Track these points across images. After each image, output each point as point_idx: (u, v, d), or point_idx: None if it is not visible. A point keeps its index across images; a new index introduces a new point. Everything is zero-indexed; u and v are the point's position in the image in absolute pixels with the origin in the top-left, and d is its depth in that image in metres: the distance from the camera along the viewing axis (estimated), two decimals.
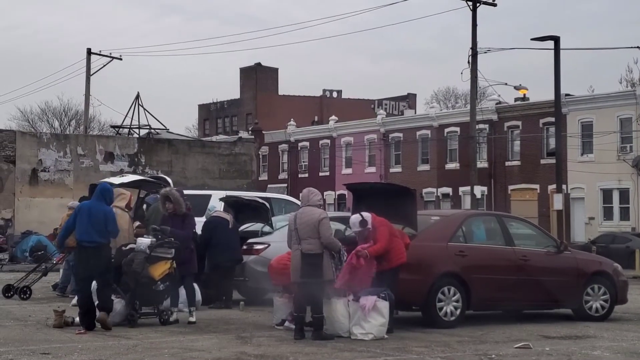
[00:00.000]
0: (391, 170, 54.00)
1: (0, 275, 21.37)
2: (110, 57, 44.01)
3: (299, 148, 61.21)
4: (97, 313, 11.58)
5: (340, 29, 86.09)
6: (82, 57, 43.62)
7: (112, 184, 17.07)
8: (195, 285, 12.79)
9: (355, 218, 11.52)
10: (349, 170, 56.09)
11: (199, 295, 13.06)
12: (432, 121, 51.84)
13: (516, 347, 10.37)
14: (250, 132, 64.16)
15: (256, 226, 16.08)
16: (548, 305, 13.88)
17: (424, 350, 10.10)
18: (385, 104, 73.66)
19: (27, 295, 15.56)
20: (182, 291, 12.53)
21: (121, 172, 30.10)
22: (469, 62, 32.88)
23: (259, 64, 77.93)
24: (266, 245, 14.93)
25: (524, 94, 43.39)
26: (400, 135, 53.88)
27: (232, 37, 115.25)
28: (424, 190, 50.55)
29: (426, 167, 52.08)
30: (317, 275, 10.85)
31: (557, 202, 32.96)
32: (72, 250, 13.19)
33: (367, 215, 11.57)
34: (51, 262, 16.92)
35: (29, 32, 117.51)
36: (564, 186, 35.22)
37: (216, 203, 16.49)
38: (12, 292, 15.67)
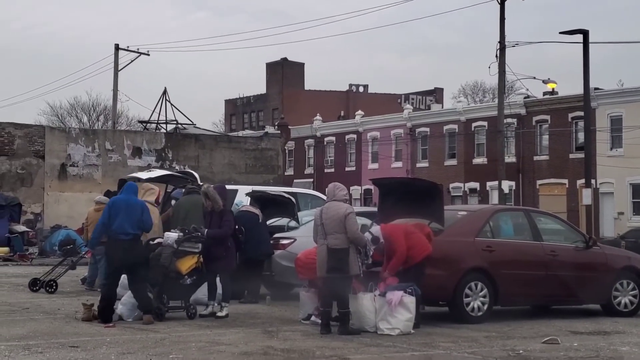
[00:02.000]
0: (418, 165, 53.84)
1: (30, 268, 21.62)
2: (138, 52, 44.32)
3: (325, 143, 61.20)
4: (118, 307, 11.65)
5: (367, 23, 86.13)
6: (111, 53, 44.01)
7: (139, 179, 17.25)
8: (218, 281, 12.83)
9: (366, 238, 11.50)
10: (375, 165, 56.00)
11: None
12: (459, 115, 51.61)
13: (543, 342, 10.31)
14: (276, 127, 64.19)
15: (282, 221, 16.11)
16: (576, 301, 13.77)
17: (451, 346, 10.06)
18: (412, 99, 73.45)
19: (53, 289, 15.69)
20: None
21: (149, 167, 30.29)
22: (496, 55, 32.65)
23: (285, 59, 78.00)
24: (292, 240, 14.96)
25: (553, 88, 43.05)
26: (427, 129, 53.70)
27: (259, 32, 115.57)
28: (451, 185, 50.37)
29: (453, 161, 51.86)
30: (344, 270, 10.85)
31: (586, 197, 32.67)
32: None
33: (375, 230, 11.65)
34: (79, 256, 17.06)
35: (59, 28, 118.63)
36: (592, 181, 34.92)
37: (242, 198, 16.54)
38: (38, 286, 15.82)
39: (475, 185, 50.01)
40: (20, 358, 8.64)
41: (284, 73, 77.51)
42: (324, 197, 19.58)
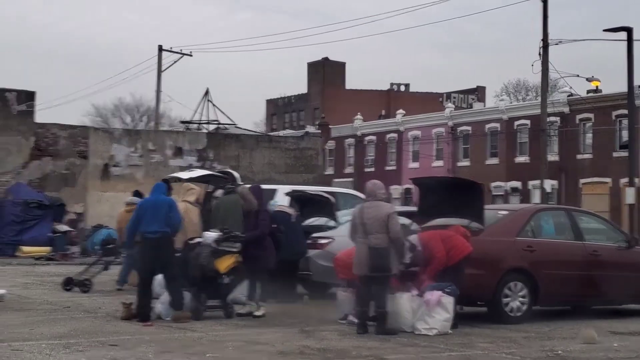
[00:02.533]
0: (459, 164, 53.50)
1: (72, 268, 21.90)
2: (181, 53, 44.66)
3: (365, 142, 61.10)
4: (156, 306, 11.78)
5: (408, 22, 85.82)
6: (154, 54, 44.38)
7: (181, 179, 17.38)
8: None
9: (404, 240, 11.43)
10: (416, 165, 55.76)
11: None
12: (501, 114, 51.17)
13: (581, 343, 10.20)
14: (317, 126, 64.32)
15: (321, 220, 16.11)
16: (617, 301, 13.57)
17: (489, 346, 9.97)
18: (454, 97, 72.97)
19: (88, 288, 15.83)
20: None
21: (190, 167, 30.51)
22: (539, 53, 32.32)
23: (326, 59, 78.03)
24: (330, 240, 14.94)
25: (596, 86, 42.47)
26: (469, 128, 53.33)
27: (300, 32, 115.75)
28: (492, 184, 49.95)
29: (495, 160, 51.44)
30: (385, 269, 10.83)
31: (629, 196, 32.18)
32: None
33: (412, 238, 11.58)
34: (121, 256, 17.22)
35: (103, 30, 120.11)
36: (636, 180, 34.32)
37: (282, 197, 16.57)
38: (71, 286, 15.95)
39: (517, 184, 49.53)
40: (61, 356, 8.75)
41: (325, 72, 77.56)
42: (364, 197, 19.61)
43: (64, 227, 29.90)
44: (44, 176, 32.27)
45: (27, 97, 32.27)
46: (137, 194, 17.24)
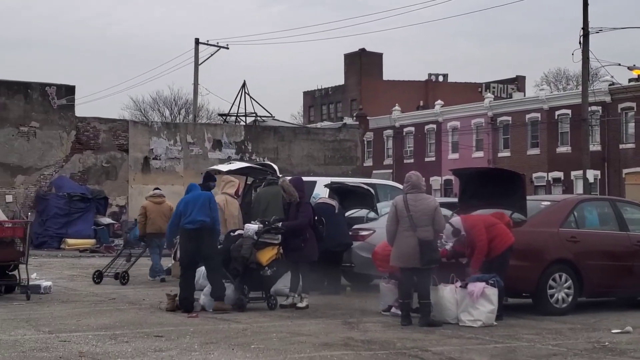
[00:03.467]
0: (499, 154, 53.09)
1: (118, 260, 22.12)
2: (218, 46, 44.85)
3: (404, 133, 60.88)
4: (200, 297, 11.88)
5: (446, 11, 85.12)
6: (191, 47, 44.59)
7: (220, 171, 17.49)
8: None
9: (447, 230, 11.38)
10: (456, 155, 55.44)
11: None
12: (542, 104, 50.65)
13: (614, 332, 10.09)
14: (354, 118, 64.23)
15: (361, 212, 16.08)
16: None
17: (534, 338, 9.88)
18: (493, 87, 72.40)
19: (126, 280, 16.05)
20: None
21: (228, 160, 30.65)
22: (580, 42, 31.91)
23: (363, 50, 77.82)
24: (371, 232, 14.91)
25: (638, 75, 41.85)
26: (509, 118, 52.87)
27: (337, 23, 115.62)
28: (534, 175, 49.50)
29: (536, 151, 50.96)
30: (436, 261, 10.83)
31: None
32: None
33: (456, 221, 11.51)
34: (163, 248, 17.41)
35: (140, 23, 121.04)
36: None
37: (321, 189, 16.57)
38: (100, 279, 16.11)
39: (559, 174, 49.02)
40: (107, 347, 8.84)
41: (362, 64, 77.37)
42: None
43: (107, 220, 30.25)
44: (86, 169, 32.66)
45: (68, 91, 32.64)
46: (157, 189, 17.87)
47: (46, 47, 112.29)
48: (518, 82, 75.10)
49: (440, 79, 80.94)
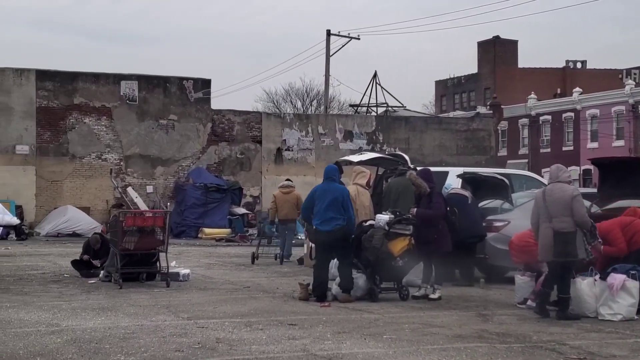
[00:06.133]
0: None
1: (251, 249, 22.63)
2: (349, 37, 44.98)
3: (540, 122, 59.30)
4: (332, 287, 11.97)
5: None
6: (322, 39, 44.93)
7: (351, 162, 17.54)
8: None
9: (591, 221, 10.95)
10: (595, 144, 53.57)
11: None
12: None
13: None
14: (488, 107, 63.05)
15: (495, 203, 15.76)
16: None
17: None
18: (635, 74, 69.40)
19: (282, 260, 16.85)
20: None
21: (360, 150, 30.73)
22: None
23: (497, 37, 76.31)
24: (506, 223, 14.60)
25: None
26: None
27: (469, 10, 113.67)
28: None
29: None
30: (570, 254, 10.47)
31: None
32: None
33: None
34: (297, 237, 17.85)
35: (274, 16, 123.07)
36: None
37: (453, 180, 16.34)
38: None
39: None
40: (242, 334, 9.03)
41: (496, 51, 75.87)
42: (539, 178, 19.02)
43: (241, 210, 30.95)
44: (221, 161, 33.52)
45: (204, 84, 33.56)
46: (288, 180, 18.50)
47: (183, 41, 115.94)
48: None
49: (579, 65, 78.35)
